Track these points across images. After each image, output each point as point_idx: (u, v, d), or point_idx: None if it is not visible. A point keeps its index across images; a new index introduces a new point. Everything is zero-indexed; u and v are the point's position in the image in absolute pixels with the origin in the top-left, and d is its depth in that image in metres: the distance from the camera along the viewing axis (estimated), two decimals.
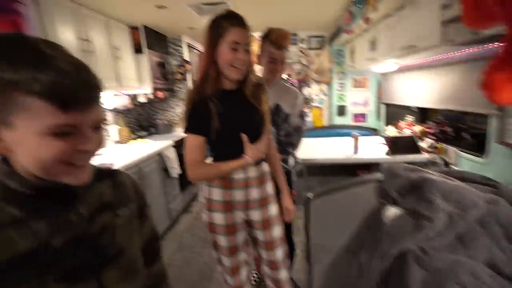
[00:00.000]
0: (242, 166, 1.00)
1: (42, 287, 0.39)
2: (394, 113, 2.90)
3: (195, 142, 0.97)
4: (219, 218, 1.05)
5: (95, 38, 2.01)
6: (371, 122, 3.35)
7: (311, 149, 2.36)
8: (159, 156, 2.40)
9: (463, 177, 1.31)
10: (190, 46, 3.49)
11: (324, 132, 3.16)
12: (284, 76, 3.33)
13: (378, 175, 1.30)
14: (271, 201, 1.12)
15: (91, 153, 0.42)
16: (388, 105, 3.01)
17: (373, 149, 2.19)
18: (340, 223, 1.27)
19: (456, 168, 1.76)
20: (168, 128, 3.25)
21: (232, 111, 0.99)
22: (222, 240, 1.07)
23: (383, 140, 2.18)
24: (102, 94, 0.41)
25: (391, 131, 2.47)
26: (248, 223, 1.13)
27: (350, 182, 1.32)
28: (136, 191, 0.58)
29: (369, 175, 1.39)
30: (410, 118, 2.41)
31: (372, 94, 3.30)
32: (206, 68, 0.97)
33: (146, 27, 2.65)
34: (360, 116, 3.41)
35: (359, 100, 3.36)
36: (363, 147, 2.20)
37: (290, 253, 1.51)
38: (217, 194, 1.04)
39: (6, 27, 1.52)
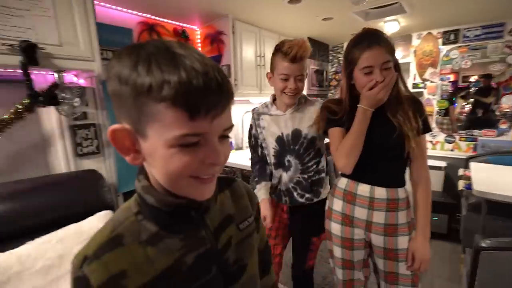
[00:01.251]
0: (364, 119, 0.91)
1: None
2: None
3: (336, 133, 1.00)
4: (336, 228, 1.05)
5: (267, 53, 2.43)
6: None
7: (499, 179, 1.71)
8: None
9: None
10: None
11: None
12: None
13: None
14: (402, 232, 0.96)
15: (218, 166, 0.38)
16: None
17: None
18: None
19: None
20: None
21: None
22: (337, 251, 1.06)
23: None
24: (232, 98, 0.37)
25: None
26: (370, 246, 1.04)
27: None
28: (251, 201, 0.55)
29: None
30: None
31: None
32: (343, 94, 1.01)
33: (309, 38, 2.89)
34: None
35: None
36: None
37: None
38: (338, 205, 1.04)
39: (214, 52, 2.16)
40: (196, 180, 0.37)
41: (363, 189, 0.97)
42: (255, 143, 1.28)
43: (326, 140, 1.12)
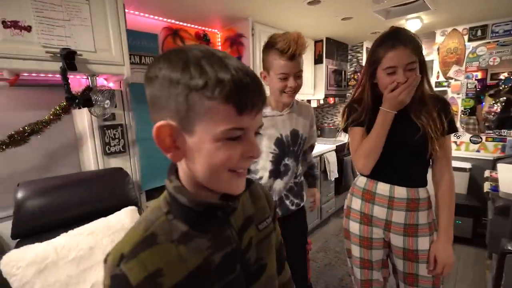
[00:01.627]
0: (385, 121, 0.90)
1: None
2: None
3: (356, 133, 1.01)
4: (354, 227, 1.05)
5: None
6: None
7: None
8: (320, 158, 2.57)
9: None
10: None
11: None
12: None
13: None
14: (423, 233, 0.95)
15: (252, 160, 0.41)
16: None
17: None
18: None
19: None
20: (333, 132, 3.37)
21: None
22: (355, 250, 1.06)
23: None
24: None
25: None
26: (389, 246, 1.03)
27: None
28: (269, 202, 0.56)
29: None
30: None
31: None
32: (361, 90, 1.01)
33: (328, 39, 2.87)
34: None
35: None
36: None
37: None
38: (356, 203, 1.05)
39: (234, 54, 2.21)
40: (233, 173, 0.40)
41: (383, 188, 0.98)
42: None
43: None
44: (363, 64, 3.28)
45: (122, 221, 1.28)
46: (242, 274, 0.45)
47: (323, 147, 2.67)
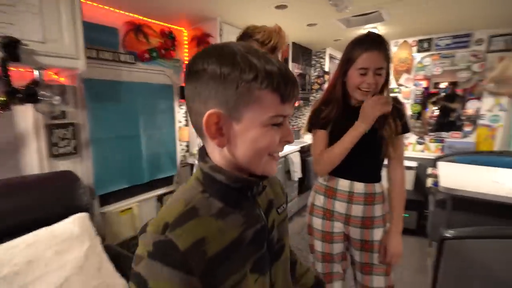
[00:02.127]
0: (356, 134, 0.95)
1: (244, 276, 0.43)
2: None
3: (320, 136, 1.05)
4: (317, 223, 1.10)
5: None
6: None
7: (463, 177, 1.87)
8: (285, 159, 2.64)
9: None
10: (331, 57, 3.57)
11: (491, 160, 2.38)
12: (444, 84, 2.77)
13: None
14: (377, 225, 1.04)
15: (286, 145, 0.46)
16: None
17: None
18: (482, 278, 0.97)
19: None
20: (296, 134, 3.49)
21: (346, 127, 0.99)
22: (318, 245, 1.11)
23: None
24: None
25: None
26: (348, 239, 1.10)
27: None
28: (282, 189, 0.60)
29: None
30: None
31: None
32: (332, 89, 1.05)
33: (294, 43, 2.97)
34: None
35: None
36: None
37: None
38: (319, 200, 1.10)
39: None
40: (270, 157, 0.44)
41: (343, 184, 1.04)
42: None
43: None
44: (326, 69, 3.45)
45: (71, 229, 1.17)
46: (267, 251, 0.48)
47: (287, 148, 2.75)
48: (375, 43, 0.92)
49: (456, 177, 1.89)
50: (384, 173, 1.07)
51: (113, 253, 1.30)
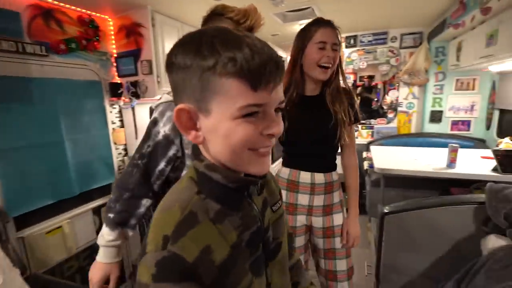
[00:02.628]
0: None
1: (251, 282, 0.41)
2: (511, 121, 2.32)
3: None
4: None
5: None
6: (477, 131, 2.77)
7: (391, 158, 2.14)
8: None
9: None
10: None
11: (410, 141, 2.80)
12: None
13: (479, 197, 1.09)
14: (336, 210, 1.09)
15: (274, 138, 0.41)
16: (503, 111, 2.42)
17: (475, 163, 1.82)
18: (418, 244, 1.13)
19: None
20: None
21: (303, 116, 1.01)
22: None
23: (490, 154, 1.79)
24: (284, 73, 0.40)
25: (508, 144, 1.99)
26: (310, 230, 1.13)
27: (438, 201, 1.15)
28: (276, 186, 0.57)
29: (467, 196, 1.18)
30: None
31: (481, 98, 2.72)
32: (291, 72, 1.04)
33: None
34: (462, 124, 2.86)
35: (461, 104, 2.82)
36: (460, 160, 1.86)
37: None
38: (283, 195, 1.09)
39: (131, 45, 1.95)
40: (254, 153, 0.39)
41: (305, 176, 1.05)
42: (162, 149, 0.79)
43: None
44: None
45: None
46: (262, 253, 0.46)
47: None
48: (328, 22, 0.97)
49: (385, 158, 2.14)
50: (338, 161, 1.11)
51: (41, 283, 1.11)
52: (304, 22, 2.62)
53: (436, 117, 2.94)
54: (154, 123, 0.81)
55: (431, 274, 1.12)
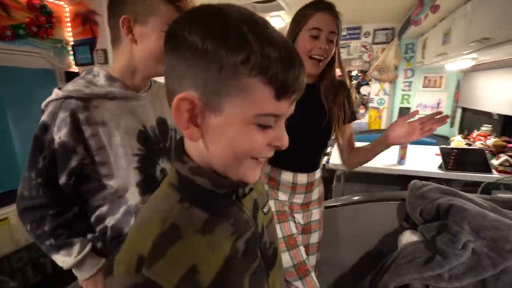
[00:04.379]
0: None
1: None
2: (472, 120, 2.37)
3: None
4: None
5: None
6: (441, 128, 2.82)
7: None
8: None
9: None
10: None
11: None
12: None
13: (404, 194, 1.12)
14: (315, 206, 1.03)
15: (276, 150, 0.37)
16: (465, 110, 2.47)
17: (426, 160, 1.86)
18: (349, 239, 1.15)
19: None
20: None
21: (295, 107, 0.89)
22: None
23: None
24: None
25: (459, 142, 2.04)
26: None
27: (365, 198, 1.18)
28: (263, 186, 0.53)
29: (391, 192, 1.21)
30: (485, 128, 1.94)
31: (447, 96, 2.77)
32: None
33: None
34: None
35: (429, 101, 2.86)
36: (414, 157, 1.90)
37: None
38: None
39: (87, 34, 1.90)
40: (253, 161, 0.36)
41: (286, 177, 0.96)
42: (61, 160, 0.66)
43: None
44: None
45: None
46: (262, 261, 0.41)
47: None
48: (329, 6, 0.83)
49: None
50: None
51: None
52: (274, 15, 2.62)
53: (404, 113, 2.98)
54: (44, 128, 0.65)
55: (359, 268, 1.16)
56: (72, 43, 1.98)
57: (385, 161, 1.89)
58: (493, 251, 0.79)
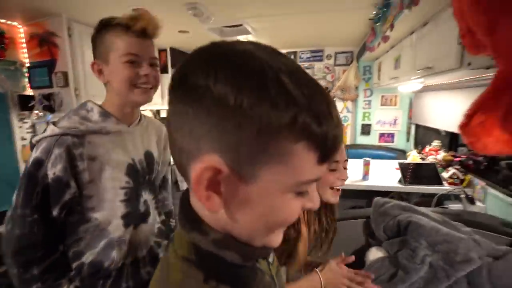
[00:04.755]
0: None
1: None
2: (424, 135, 2.62)
3: None
4: None
5: None
6: (399, 143, 3.07)
7: None
8: (171, 169, 2.54)
9: (475, 221, 1.13)
10: None
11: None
12: None
13: (368, 211, 1.19)
14: None
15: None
16: (418, 126, 2.73)
17: (388, 175, 2.00)
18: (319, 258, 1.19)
19: (481, 205, 1.52)
20: None
21: None
22: None
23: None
24: None
25: (414, 157, 2.23)
26: None
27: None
28: None
29: (359, 210, 1.29)
30: (436, 143, 2.16)
31: (402, 113, 3.04)
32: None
33: (172, 49, 2.88)
34: (388, 136, 3.15)
35: (386, 119, 3.12)
36: (377, 171, 2.03)
37: None
38: None
39: (45, 55, 1.80)
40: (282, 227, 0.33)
41: None
42: (54, 194, 0.66)
43: None
44: None
45: None
46: None
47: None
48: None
49: None
50: None
51: None
52: (242, 38, 2.71)
53: (366, 129, 3.20)
54: (37, 164, 0.65)
55: None
56: (28, 65, 1.86)
57: (351, 177, 2.00)
58: (446, 264, 0.86)
